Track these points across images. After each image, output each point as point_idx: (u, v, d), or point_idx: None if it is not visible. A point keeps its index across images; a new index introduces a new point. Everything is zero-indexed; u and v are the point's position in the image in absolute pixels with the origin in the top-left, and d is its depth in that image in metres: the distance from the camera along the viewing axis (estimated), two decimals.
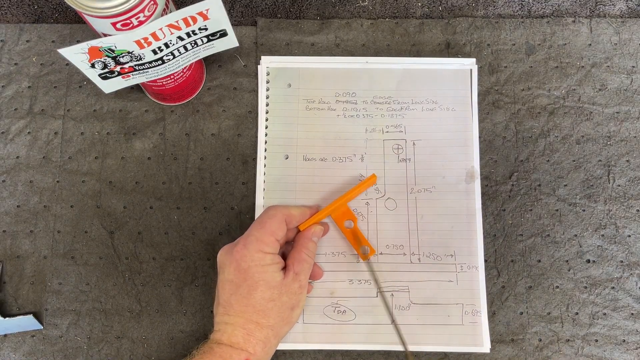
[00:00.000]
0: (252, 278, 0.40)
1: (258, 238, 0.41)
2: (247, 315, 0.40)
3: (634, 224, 0.49)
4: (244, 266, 0.40)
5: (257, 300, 0.40)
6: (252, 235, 0.41)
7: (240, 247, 0.41)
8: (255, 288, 0.40)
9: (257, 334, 0.40)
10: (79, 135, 0.51)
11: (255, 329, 0.40)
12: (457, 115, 0.51)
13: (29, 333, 0.47)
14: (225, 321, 0.40)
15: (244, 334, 0.40)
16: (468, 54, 0.52)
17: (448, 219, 0.49)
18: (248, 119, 0.51)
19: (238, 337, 0.40)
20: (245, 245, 0.41)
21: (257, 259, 0.40)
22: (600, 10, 0.54)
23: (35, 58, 0.52)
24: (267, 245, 0.41)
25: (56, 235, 0.49)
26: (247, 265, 0.40)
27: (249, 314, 0.40)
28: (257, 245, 0.41)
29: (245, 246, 0.41)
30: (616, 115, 0.51)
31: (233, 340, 0.40)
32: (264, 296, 0.40)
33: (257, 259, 0.40)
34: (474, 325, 0.47)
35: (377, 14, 0.54)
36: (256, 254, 0.40)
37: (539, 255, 0.49)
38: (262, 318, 0.40)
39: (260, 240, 0.41)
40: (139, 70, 0.43)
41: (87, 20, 0.37)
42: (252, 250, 0.40)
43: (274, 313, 0.41)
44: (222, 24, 0.42)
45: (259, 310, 0.40)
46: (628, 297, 0.48)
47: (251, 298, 0.40)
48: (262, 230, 0.41)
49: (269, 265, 0.41)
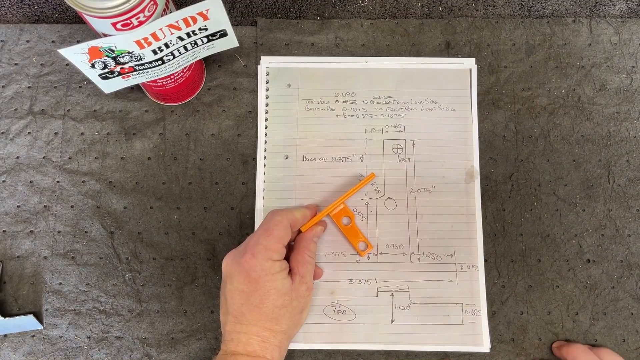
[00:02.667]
0: (264, 287, 0.40)
1: (266, 247, 0.41)
2: (261, 323, 0.40)
3: (633, 223, 0.49)
4: (255, 276, 0.40)
5: (270, 308, 0.40)
6: (260, 244, 0.41)
7: (249, 257, 0.40)
8: (267, 297, 0.40)
9: (272, 340, 0.40)
10: (79, 136, 0.51)
11: (270, 336, 0.40)
12: (457, 115, 0.51)
13: (29, 333, 0.48)
14: (238, 330, 0.40)
15: (259, 342, 0.40)
16: (468, 54, 0.52)
17: (448, 219, 0.49)
18: (248, 119, 0.51)
19: (254, 345, 0.40)
20: (254, 254, 0.40)
21: (267, 267, 0.40)
22: (600, 10, 0.54)
23: (35, 58, 0.52)
24: (276, 253, 0.41)
25: (56, 235, 0.49)
26: (257, 275, 0.40)
27: (262, 322, 0.40)
28: (265, 254, 0.41)
29: (254, 256, 0.40)
30: (616, 115, 0.51)
31: (249, 349, 0.39)
32: (276, 304, 0.40)
33: (267, 268, 0.40)
34: (473, 324, 0.47)
35: (377, 14, 0.54)
36: (265, 262, 0.40)
37: (539, 255, 0.49)
38: (275, 325, 0.41)
39: (268, 248, 0.41)
40: (139, 70, 0.43)
41: (87, 20, 0.37)
42: (261, 260, 0.40)
43: (286, 319, 0.41)
44: (222, 24, 0.42)
45: (271, 318, 0.40)
46: (628, 297, 0.48)
47: (263, 307, 0.40)
48: (269, 239, 0.41)
49: (279, 272, 0.41)
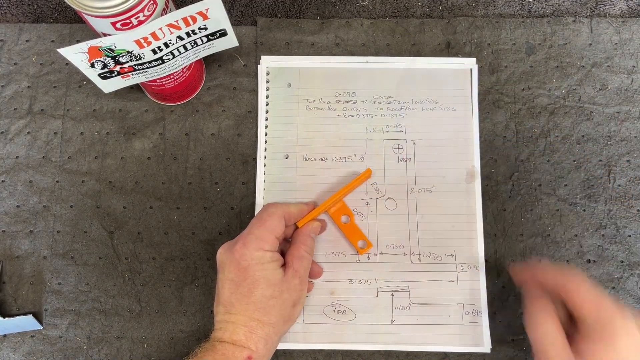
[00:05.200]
0: (253, 276, 0.40)
1: (258, 236, 0.41)
2: (249, 313, 0.40)
3: (634, 224, 0.49)
4: (244, 265, 0.40)
5: (258, 298, 0.40)
6: (251, 233, 0.41)
7: (240, 246, 0.41)
8: (256, 286, 0.40)
9: (258, 331, 0.40)
10: (79, 135, 0.51)
11: (257, 327, 0.40)
12: (457, 115, 0.51)
13: (29, 333, 0.47)
14: (227, 320, 0.40)
15: (245, 332, 0.40)
16: (468, 53, 0.52)
17: (448, 219, 0.49)
18: (248, 119, 0.51)
19: (240, 334, 0.40)
20: (244, 243, 0.41)
21: (257, 257, 0.40)
22: (601, 10, 0.54)
23: (35, 58, 0.52)
24: (267, 243, 0.41)
25: (56, 235, 0.49)
26: (247, 263, 0.40)
27: (250, 311, 0.40)
28: (256, 244, 0.41)
29: (245, 245, 0.41)
30: (616, 115, 0.51)
31: (235, 338, 0.40)
32: (265, 294, 0.40)
33: (257, 257, 0.40)
34: (474, 325, 0.47)
35: (377, 14, 0.54)
36: (256, 252, 0.41)
37: (539, 255, 0.49)
38: (263, 316, 0.40)
39: (259, 238, 0.41)
40: (138, 70, 0.43)
41: (86, 20, 0.37)
42: (251, 249, 0.41)
43: (275, 310, 0.41)
44: (222, 24, 0.42)
45: (260, 308, 0.40)
46: (628, 297, 0.48)
47: (252, 296, 0.40)
48: (261, 228, 0.42)
49: (269, 262, 0.41)
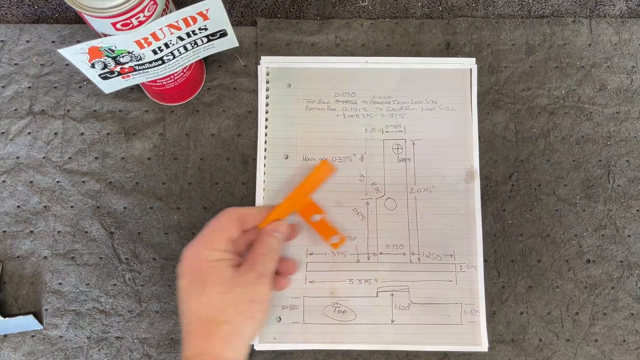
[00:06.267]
0: (201, 275, 0.40)
1: (204, 236, 0.41)
2: (203, 312, 0.39)
3: (633, 224, 0.49)
4: (194, 266, 0.40)
5: (211, 294, 0.39)
6: (200, 235, 0.41)
7: (188, 249, 0.41)
8: (206, 283, 0.40)
9: (215, 332, 0.39)
10: (79, 136, 0.51)
11: (215, 328, 0.39)
12: (456, 115, 0.51)
13: (29, 333, 0.48)
14: (186, 331, 0.39)
15: (201, 338, 0.39)
16: (468, 54, 0.52)
17: (448, 219, 0.49)
18: (248, 119, 0.51)
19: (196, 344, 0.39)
20: (193, 244, 0.41)
21: (204, 255, 0.40)
22: (600, 10, 0.54)
23: (35, 58, 0.52)
24: (216, 242, 0.41)
25: (56, 236, 0.49)
26: (196, 265, 0.40)
27: (204, 311, 0.39)
28: (203, 244, 0.41)
29: (193, 245, 0.41)
30: (616, 115, 0.51)
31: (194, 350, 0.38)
32: (216, 290, 0.39)
33: (205, 256, 0.40)
34: (472, 324, 0.47)
35: (377, 14, 0.54)
36: (204, 251, 0.40)
37: (539, 255, 0.49)
38: (217, 313, 0.39)
39: (206, 237, 0.41)
40: (139, 70, 0.43)
41: (87, 20, 0.37)
42: (199, 249, 0.41)
43: (230, 307, 0.39)
44: (222, 24, 0.42)
45: (214, 305, 0.39)
46: (628, 297, 0.48)
47: (204, 294, 0.39)
48: (209, 229, 0.42)
49: (218, 260, 0.40)
